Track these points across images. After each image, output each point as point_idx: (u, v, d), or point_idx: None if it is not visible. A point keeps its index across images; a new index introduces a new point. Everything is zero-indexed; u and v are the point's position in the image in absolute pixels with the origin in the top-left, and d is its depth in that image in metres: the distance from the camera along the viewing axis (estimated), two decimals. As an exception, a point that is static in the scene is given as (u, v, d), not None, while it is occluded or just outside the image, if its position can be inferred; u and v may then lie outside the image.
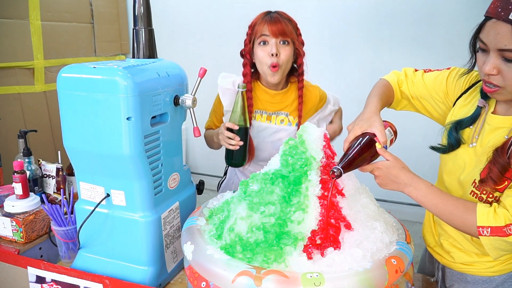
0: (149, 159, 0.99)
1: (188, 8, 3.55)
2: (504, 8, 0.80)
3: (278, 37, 1.35)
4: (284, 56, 1.36)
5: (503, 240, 0.86)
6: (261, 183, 0.92)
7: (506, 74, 0.84)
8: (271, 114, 1.48)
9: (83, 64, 0.96)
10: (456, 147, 1.03)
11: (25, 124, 2.82)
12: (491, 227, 0.86)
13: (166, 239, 1.07)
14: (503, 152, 0.89)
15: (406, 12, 2.92)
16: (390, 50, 3.02)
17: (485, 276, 1.06)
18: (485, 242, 0.88)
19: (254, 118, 1.47)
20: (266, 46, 1.36)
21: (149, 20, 1.07)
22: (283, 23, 1.35)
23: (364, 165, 0.95)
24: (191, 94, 1.07)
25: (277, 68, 1.37)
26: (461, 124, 1.02)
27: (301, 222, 0.85)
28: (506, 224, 0.85)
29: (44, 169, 1.45)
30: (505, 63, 0.83)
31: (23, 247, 1.24)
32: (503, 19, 0.80)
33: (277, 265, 0.79)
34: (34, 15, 2.80)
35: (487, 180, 0.91)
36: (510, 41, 0.80)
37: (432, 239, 1.18)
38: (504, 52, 0.82)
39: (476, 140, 0.99)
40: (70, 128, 0.98)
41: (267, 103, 1.48)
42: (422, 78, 1.15)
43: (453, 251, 1.10)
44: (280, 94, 1.48)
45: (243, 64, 1.47)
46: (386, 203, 3.19)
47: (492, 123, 0.97)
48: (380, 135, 0.96)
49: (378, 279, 0.77)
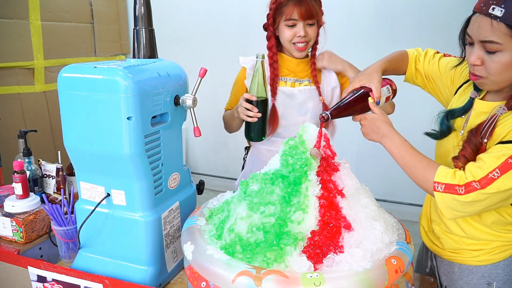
0: (149, 159, 0.99)
1: (188, 8, 3.55)
2: (486, 3, 0.89)
3: (306, 20, 1.39)
4: (311, 35, 1.43)
5: (453, 198, 0.91)
6: (261, 183, 0.92)
7: (488, 64, 0.92)
8: (295, 81, 1.51)
9: (83, 64, 0.96)
10: (447, 133, 1.10)
11: (25, 124, 2.82)
12: (446, 184, 0.92)
13: (166, 239, 1.07)
14: (477, 132, 0.96)
15: (406, 12, 2.92)
16: (390, 50, 3.01)
17: (472, 265, 1.10)
18: (438, 199, 0.94)
19: (279, 84, 1.50)
20: (294, 28, 1.41)
21: (149, 20, 1.07)
22: (310, 4, 1.37)
23: (354, 114, 1.05)
24: (191, 94, 1.07)
25: (305, 47, 1.44)
26: (453, 113, 1.09)
27: (301, 222, 0.85)
28: (459, 184, 0.90)
29: (44, 169, 1.46)
30: (487, 54, 0.91)
31: (23, 247, 1.24)
32: (484, 13, 0.88)
33: (277, 265, 0.79)
34: (34, 15, 2.80)
35: (459, 157, 0.98)
36: (489, 33, 0.88)
37: (426, 224, 1.23)
38: (486, 44, 0.90)
39: (464, 128, 1.06)
40: (71, 128, 0.98)
41: (291, 70, 1.52)
42: (439, 61, 1.23)
43: (442, 237, 1.15)
44: (304, 62, 1.52)
45: (267, 37, 1.50)
46: (386, 203, 3.19)
47: (478, 108, 1.04)
48: (375, 91, 1.06)
49: (378, 279, 0.77)
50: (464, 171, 0.94)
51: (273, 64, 1.48)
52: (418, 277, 1.19)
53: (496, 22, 0.86)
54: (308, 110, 1.50)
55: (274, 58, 1.48)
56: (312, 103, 1.50)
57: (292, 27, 1.41)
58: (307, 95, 1.50)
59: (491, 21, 0.87)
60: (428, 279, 1.19)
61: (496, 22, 0.86)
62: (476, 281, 1.09)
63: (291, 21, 1.39)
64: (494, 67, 0.91)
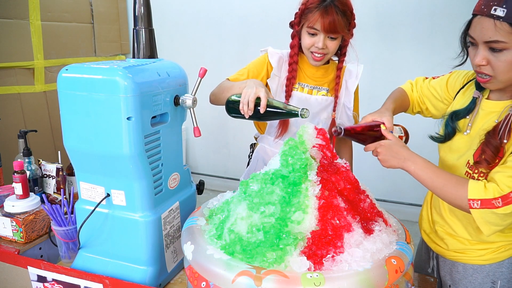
0: (149, 159, 0.99)
1: (188, 8, 3.55)
2: (487, 5, 0.90)
3: (328, 33, 1.32)
4: (330, 49, 1.36)
5: (492, 212, 0.90)
6: (261, 183, 0.92)
7: (494, 64, 0.93)
8: (312, 88, 1.47)
9: (83, 64, 0.96)
10: (452, 135, 1.10)
11: (25, 124, 2.82)
12: (481, 200, 0.91)
13: (166, 239, 1.07)
14: (495, 134, 0.96)
15: (407, 12, 2.92)
16: (390, 49, 3.02)
17: (476, 264, 1.10)
18: (476, 215, 0.92)
19: (297, 89, 1.47)
20: (314, 37, 1.34)
21: (149, 20, 1.07)
22: (336, 19, 1.28)
23: (366, 141, 1.05)
24: (191, 94, 1.07)
25: (321, 58, 1.38)
26: (457, 114, 1.10)
27: (301, 222, 0.85)
28: (495, 197, 0.89)
29: (44, 169, 1.45)
30: (492, 53, 0.92)
31: (23, 247, 1.24)
32: (486, 15, 0.89)
33: (277, 265, 0.79)
34: (34, 15, 2.80)
35: (481, 161, 0.97)
36: (493, 33, 0.89)
37: (427, 226, 1.23)
38: (490, 44, 0.91)
39: (469, 128, 1.06)
40: (70, 128, 0.98)
41: (310, 76, 1.47)
42: (429, 83, 1.26)
43: (447, 238, 1.14)
44: (323, 69, 1.47)
45: (292, 35, 1.45)
46: (386, 203, 3.20)
47: (486, 107, 1.04)
48: (387, 122, 1.06)
49: (378, 279, 0.77)
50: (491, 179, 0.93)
51: (292, 65, 1.43)
52: (418, 277, 1.19)
53: (499, 22, 0.87)
54: (321, 121, 1.46)
55: (295, 58, 1.43)
56: (326, 114, 1.46)
57: (313, 36, 1.34)
58: (322, 105, 1.46)
59: (494, 21, 0.88)
60: (428, 279, 1.19)
61: (499, 22, 0.87)
62: (480, 280, 1.09)
63: (313, 30, 1.33)
64: (500, 66, 0.91)
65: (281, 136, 1.48)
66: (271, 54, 1.46)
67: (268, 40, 3.07)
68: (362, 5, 3.02)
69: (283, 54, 1.48)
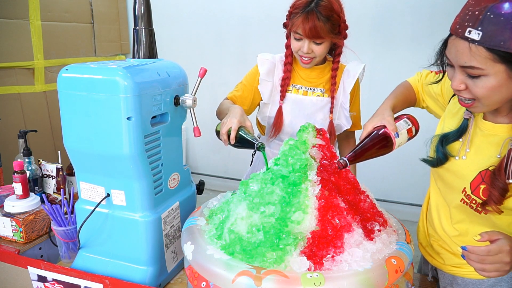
0: (149, 159, 0.99)
1: (188, 8, 3.55)
2: (461, 25, 0.80)
3: (311, 38, 1.30)
4: (317, 53, 1.34)
5: None
6: (261, 183, 0.92)
7: (472, 89, 0.84)
8: (307, 89, 1.46)
9: (83, 64, 0.96)
10: (445, 161, 1.02)
11: (25, 124, 2.82)
12: None
13: (166, 239, 1.07)
14: (500, 174, 0.88)
15: (406, 11, 2.92)
16: (390, 49, 3.02)
17: (475, 278, 1.06)
18: None
19: (291, 91, 1.46)
20: (300, 41, 1.33)
21: (149, 20, 1.07)
22: (317, 24, 1.26)
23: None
24: (191, 94, 1.07)
25: (309, 61, 1.37)
26: (447, 138, 1.02)
27: (301, 222, 0.85)
28: None
29: (44, 169, 1.45)
30: (469, 78, 0.83)
31: (23, 247, 1.24)
32: (460, 36, 0.80)
33: (277, 265, 0.79)
34: (34, 15, 2.80)
35: (489, 203, 0.91)
36: (469, 57, 0.80)
37: (424, 239, 1.20)
38: (466, 69, 0.82)
39: (466, 153, 0.98)
40: (70, 128, 0.98)
41: (305, 77, 1.47)
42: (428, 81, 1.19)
43: (443, 253, 1.11)
44: (318, 69, 1.46)
45: (286, 36, 1.44)
46: (386, 203, 3.20)
47: (484, 128, 0.97)
48: (388, 124, 1.00)
49: (378, 279, 0.77)
50: None
51: (287, 65, 1.44)
52: (418, 277, 1.19)
53: (474, 46, 0.78)
54: (317, 122, 1.44)
55: (289, 59, 1.43)
56: (322, 115, 1.45)
57: (299, 40, 1.33)
58: (318, 106, 1.44)
59: (469, 45, 0.79)
60: (427, 279, 1.19)
61: (475, 46, 0.78)
62: None
63: (297, 35, 1.32)
64: (479, 92, 0.83)
65: (275, 137, 1.49)
66: (261, 61, 1.47)
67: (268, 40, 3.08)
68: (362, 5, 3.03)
69: (274, 58, 1.48)
